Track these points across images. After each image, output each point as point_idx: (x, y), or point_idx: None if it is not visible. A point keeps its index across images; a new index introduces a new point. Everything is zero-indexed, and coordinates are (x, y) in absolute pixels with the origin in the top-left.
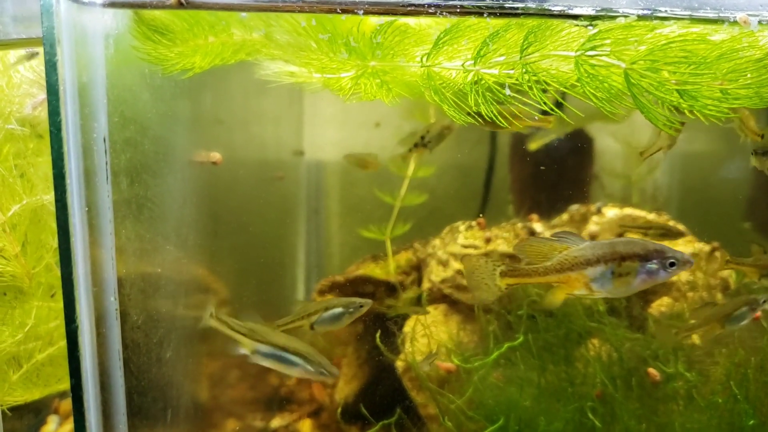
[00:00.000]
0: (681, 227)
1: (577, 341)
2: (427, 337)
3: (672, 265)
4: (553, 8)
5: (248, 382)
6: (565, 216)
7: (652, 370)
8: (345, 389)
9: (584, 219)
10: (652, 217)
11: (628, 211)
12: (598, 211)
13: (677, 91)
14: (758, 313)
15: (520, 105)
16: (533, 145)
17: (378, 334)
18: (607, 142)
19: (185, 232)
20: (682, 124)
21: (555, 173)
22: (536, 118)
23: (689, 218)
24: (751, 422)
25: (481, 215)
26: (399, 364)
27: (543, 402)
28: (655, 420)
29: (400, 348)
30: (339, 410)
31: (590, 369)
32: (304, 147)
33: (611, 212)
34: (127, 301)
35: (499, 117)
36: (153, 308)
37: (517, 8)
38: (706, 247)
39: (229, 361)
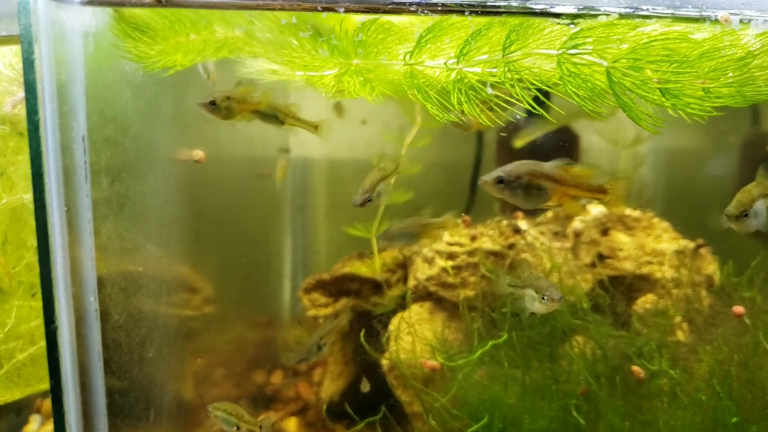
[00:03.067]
0: (665, 224)
1: (561, 339)
2: (412, 335)
3: None
4: (535, 6)
5: (233, 380)
6: (549, 213)
7: (635, 368)
8: (331, 387)
9: (569, 216)
10: (637, 214)
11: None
12: (583, 209)
13: (659, 89)
14: (741, 309)
15: (503, 103)
16: (519, 143)
17: (362, 333)
18: (593, 140)
19: (168, 230)
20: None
21: None
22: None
23: (675, 215)
24: (734, 419)
25: (464, 213)
26: (384, 362)
27: (527, 400)
28: (639, 417)
29: (384, 346)
30: (324, 408)
31: (574, 366)
32: (289, 144)
33: (596, 210)
34: (108, 301)
35: (481, 115)
36: (135, 307)
37: (500, 6)
38: (691, 244)
39: (214, 360)
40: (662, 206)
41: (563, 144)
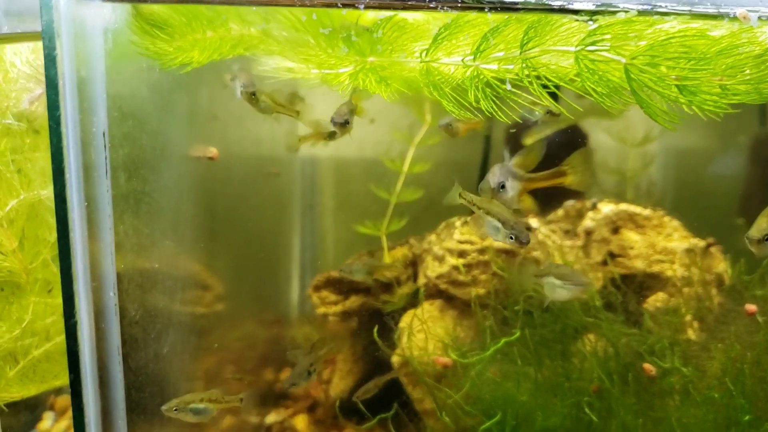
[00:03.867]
0: (675, 222)
1: (574, 336)
2: (424, 332)
3: None
4: (553, 3)
5: (244, 377)
6: (560, 212)
7: (647, 366)
8: (340, 385)
9: (580, 215)
10: (647, 212)
11: (624, 206)
12: (594, 207)
13: (677, 86)
14: (754, 308)
15: (519, 100)
16: (528, 140)
17: (375, 330)
18: (602, 138)
19: (182, 227)
20: None
21: (547, 169)
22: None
23: (685, 214)
24: (747, 417)
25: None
26: (395, 360)
27: (540, 397)
28: (651, 415)
29: (396, 343)
30: (338, 405)
31: (587, 364)
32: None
33: (607, 208)
34: (126, 297)
35: (498, 112)
36: (151, 303)
37: (517, 3)
38: (701, 243)
39: (226, 357)
40: (672, 205)
41: (573, 142)
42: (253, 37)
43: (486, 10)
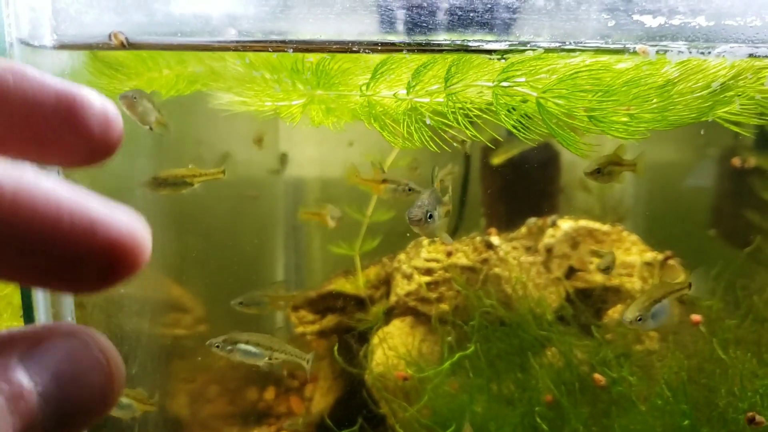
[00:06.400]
0: (634, 237)
1: (530, 349)
2: (392, 349)
3: None
4: (470, 44)
5: (227, 397)
6: (523, 229)
7: (597, 376)
8: (321, 402)
9: (541, 232)
10: (606, 228)
11: (583, 223)
12: (553, 224)
13: (587, 116)
14: (698, 318)
15: (450, 130)
16: (496, 160)
17: (335, 348)
18: (572, 157)
19: (153, 253)
20: None
21: (520, 187)
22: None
23: (652, 228)
24: (686, 422)
25: (454, 230)
26: (367, 377)
27: (494, 408)
28: (604, 422)
29: (363, 361)
30: (300, 421)
31: (542, 376)
32: (279, 165)
33: (566, 225)
34: (89, 321)
35: (430, 142)
36: (116, 327)
37: (435, 43)
38: (660, 256)
39: (209, 377)
40: (643, 219)
41: (543, 160)
42: (208, 75)
43: (404, 51)
